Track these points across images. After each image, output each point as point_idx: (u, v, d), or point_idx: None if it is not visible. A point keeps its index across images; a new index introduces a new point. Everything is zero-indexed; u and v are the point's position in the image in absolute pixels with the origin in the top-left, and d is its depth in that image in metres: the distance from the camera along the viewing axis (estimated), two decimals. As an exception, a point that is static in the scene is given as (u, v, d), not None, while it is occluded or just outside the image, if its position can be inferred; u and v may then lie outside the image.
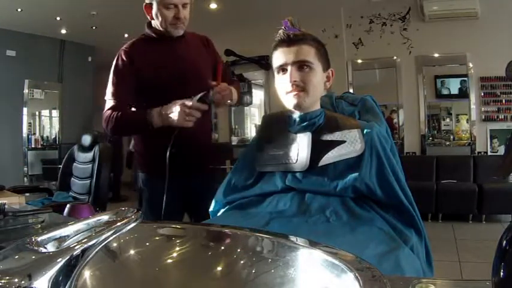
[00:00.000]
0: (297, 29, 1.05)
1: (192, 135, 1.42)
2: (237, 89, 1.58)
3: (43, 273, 0.35)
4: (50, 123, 6.92)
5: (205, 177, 1.61)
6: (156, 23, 1.50)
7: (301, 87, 1.03)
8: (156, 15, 1.46)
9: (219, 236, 0.66)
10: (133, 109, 1.53)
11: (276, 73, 1.07)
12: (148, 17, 1.52)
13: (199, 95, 1.35)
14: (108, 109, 1.48)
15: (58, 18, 5.46)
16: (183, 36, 1.54)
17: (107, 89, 1.51)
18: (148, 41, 1.54)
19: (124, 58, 1.49)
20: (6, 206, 1.08)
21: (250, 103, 6.04)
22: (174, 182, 1.43)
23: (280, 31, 1.05)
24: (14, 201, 1.39)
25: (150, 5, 1.47)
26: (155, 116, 1.37)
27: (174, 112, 1.33)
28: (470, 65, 4.86)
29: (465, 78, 4.93)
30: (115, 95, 1.48)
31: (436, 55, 5.06)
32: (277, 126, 1.14)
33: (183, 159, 1.46)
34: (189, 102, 1.32)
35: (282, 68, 1.05)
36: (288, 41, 1.03)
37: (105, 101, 1.51)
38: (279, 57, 1.05)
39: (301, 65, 1.03)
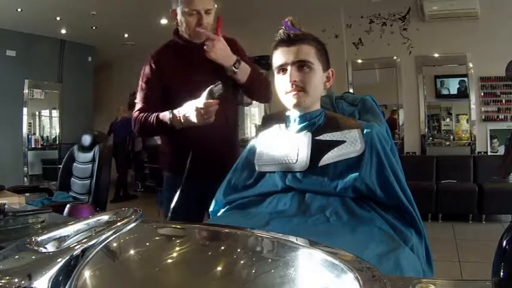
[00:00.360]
0: (297, 29, 1.05)
1: (215, 135, 1.44)
2: (253, 69, 1.58)
3: (43, 273, 0.35)
4: (50, 123, 6.93)
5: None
6: (181, 29, 1.52)
7: (300, 87, 1.03)
8: (180, 21, 1.49)
9: (219, 236, 0.66)
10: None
11: (276, 73, 1.07)
12: (176, 24, 1.54)
13: (205, 93, 1.34)
14: (136, 111, 1.55)
15: (58, 18, 5.47)
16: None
17: (139, 87, 1.58)
18: (175, 48, 1.57)
19: (151, 64, 1.54)
20: (6, 206, 1.08)
21: (250, 103, 6.03)
22: (195, 182, 1.42)
23: (280, 31, 1.05)
24: (14, 201, 1.39)
25: (175, 11, 1.49)
26: (175, 119, 1.40)
27: (192, 114, 1.34)
28: (470, 65, 4.86)
29: (465, 78, 4.93)
30: (142, 99, 1.55)
31: (436, 55, 5.06)
32: (277, 126, 1.14)
33: (205, 161, 1.46)
34: (199, 104, 1.33)
35: (282, 68, 1.05)
36: (288, 41, 1.03)
37: (133, 103, 1.60)
38: (278, 57, 1.05)
39: (301, 65, 1.03)
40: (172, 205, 1.31)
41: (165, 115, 1.43)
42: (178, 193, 1.33)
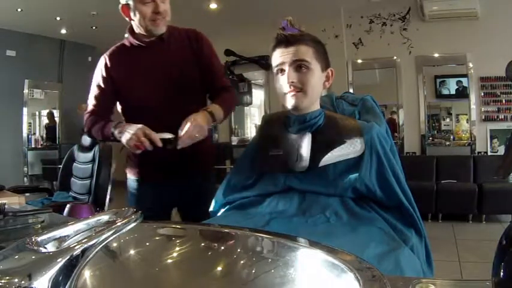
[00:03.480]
0: (297, 29, 1.05)
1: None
2: (229, 99, 1.50)
3: (43, 273, 0.35)
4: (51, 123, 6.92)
5: (197, 180, 1.55)
6: (136, 24, 1.42)
7: (298, 88, 1.03)
8: (134, 13, 1.38)
9: (219, 236, 0.66)
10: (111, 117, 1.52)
11: (275, 74, 1.07)
12: (127, 19, 1.43)
13: (165, 136, 1.28)
14: (87, 112, 1.52)
15: (58, 18, 5.46)
16: (163, 39, 1.45)
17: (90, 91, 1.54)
18: (127, 48, 1.48)
19: (102, 66, 1.47)
20: (6, 206, 1.08)
21: (250, 103, 6.04)
22: (163, 186, 1.44)
23: (279, 31, 1.05)
24: (14, 201, 1.39)
25: (127, 5, 1.39)
26: (116, 130, 1.35)
27: (129, 133, 1.28)
28: (470, 65, 4.86)
29: (465, 78, 4.93)
30: (91, 101, 1.52)
31: (436, 55, 5.06)
32: (277, 126, 1.13)
33: (176, 164, 1.44)
34: (149, 132, 1.26)
35: (280, 69, 1.05)
36: (286, 42, 1.03)
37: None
38: (276, 58, 1.05)
39: (298, 65, 1.02)
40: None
41: (110, 129, 1.38)
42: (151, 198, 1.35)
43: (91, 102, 1.51)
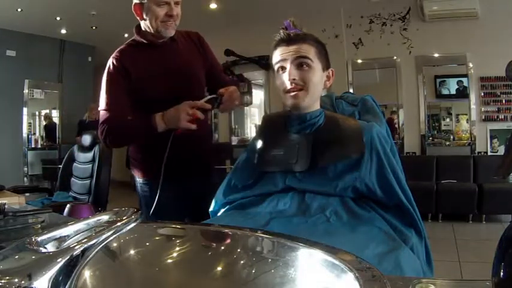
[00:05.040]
0: (299, 29, 1.06)
1: (190, 138, 1.39)
2: (238, 89, 1.56)
3: (43, 273, 0.35)
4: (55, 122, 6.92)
5: (205, 179, 1.58)
6: (146, 24, 1.43)
7: (300, 86, 1.03)
8: (147, 13, 1.39)
9: (219, 236, 0.66)
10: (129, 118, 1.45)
11: (275, 72, 1.08)
12: (138, 18, 1.44)
13: (208, 97, 1.33)
14: (105, 120, 1.39)
15: (58, 18, 5.47)
16: (174, 39, 1.48)
17: (100, 99, 1.44)
18: (138, 48, 1.47)
19: (117, 65, 1.43)
20: (6, 206, 1.08)
21: (250, 103, 6.04)
22: (173, 185, 1.42)
23: (281, 30, 1.06)
24: (14, 201, 1.40)
25: (141, 4, 1.39)
26: (158, 119, 1.34)
27: (177, 113, 1.30)
28: (470, 65, 4.86)
29: (465, 78, 4.93)
30: (111, 104, 1.40)
31: (436, 55, 5.05)
32: (277, 126, 1.13)
33: (181, 163, 1.44)
34: (193, 102, 1.30)
35: (282, 67, 1.05)
36: (288, 40, 1.04)
37: (98, 112, 1.45)
38: (278, 55, 1.05)
39: (300, 63, 1.03)
40: (152, 210, 1.33)
41: (145, 118, 1.35)
42: (156, 199, 1.34)
43: (106, 108, 1.41)
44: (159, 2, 1.37)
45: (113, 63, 1.44)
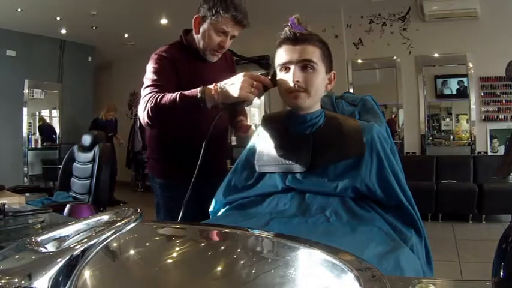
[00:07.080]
0: (303, 27, 1.04)
1: (215, 137, 1.31)
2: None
3: (43, 273, 0.35)
4: (50, 123, 6.93)
5: (219, 180, 1.55)
6: (197, 38, 1.46)
7: (303, 88, 1.02)
8: (203, 33, 1.43)
9: (219, 236, 0.66)
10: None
11: (278, 71, 1.07)
12: (194, 30, 1.46)
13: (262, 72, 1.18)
14: (148, 93, 1.31)
15: (58, 18, 5.47)
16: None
17: (144, 79, 1.39)
18: (184, 51, 1.50)
19: (167, 56, 1.43)
20: (6, 206, 1.08)
21: (251, 103, 6.02)
22: (196, 186, 1.40)
23: (286, 28, 1.03)
24: (14, 201, 1.40)
25: (203, 19, 1.42)
26: (207, 91, 1.18)
27: (237, 83, 1.13)
28: (470, 65, 4.86)
29: (465, 78, 4.93)
30: (159, 80, 1.35)
31: (436, 55, 5.06)
32: (278, 126, 1.13)
33: (208, 164, 1.41)
34: (253, 74, 1.14)
35: (285, 67, 1.04)
36: (294, 39, 1.02)
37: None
38: (282, 54, 1.03)
39: (304, 65, 1.01)
40: (181, 215, 1.28)
41: (193, 90, 1.21)
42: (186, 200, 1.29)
43: (152, 83, 1.35)
44: (219, 29, 1.40)
45: (162, 55, 1.44)
